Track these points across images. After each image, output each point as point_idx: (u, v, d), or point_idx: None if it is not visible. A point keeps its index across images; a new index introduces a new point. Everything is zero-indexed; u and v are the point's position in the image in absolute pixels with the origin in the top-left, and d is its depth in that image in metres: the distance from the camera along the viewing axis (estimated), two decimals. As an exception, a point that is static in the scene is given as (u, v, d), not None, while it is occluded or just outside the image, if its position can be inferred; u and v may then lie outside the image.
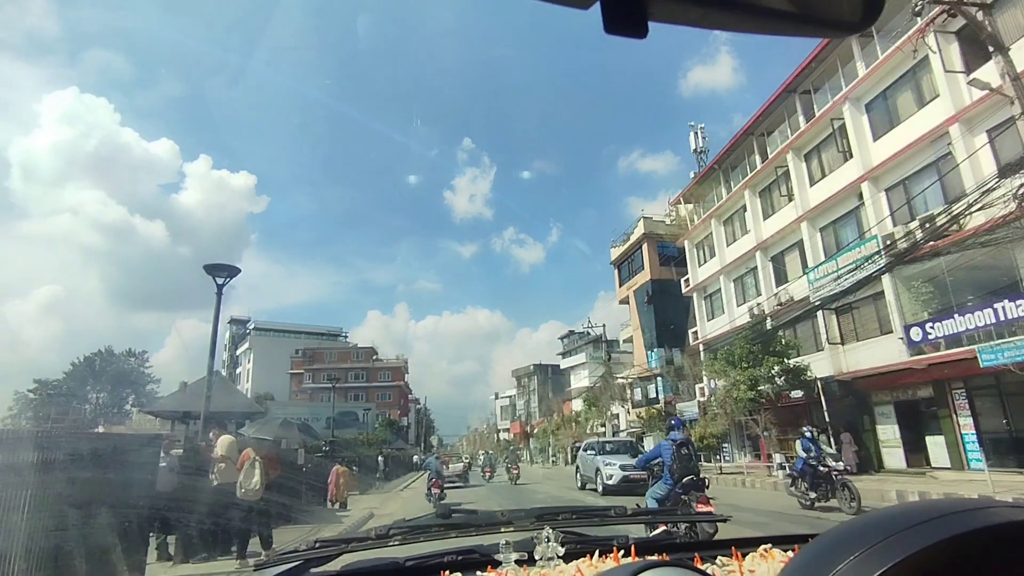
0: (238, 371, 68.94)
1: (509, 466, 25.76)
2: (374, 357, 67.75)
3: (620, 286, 38.48)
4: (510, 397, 72.17)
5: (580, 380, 48.96)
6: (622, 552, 1.34)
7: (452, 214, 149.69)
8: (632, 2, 0.56)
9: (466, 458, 41.38)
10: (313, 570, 1.54)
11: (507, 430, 69.80)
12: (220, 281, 10.12)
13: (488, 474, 27.60)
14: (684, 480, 7.26)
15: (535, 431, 56.13)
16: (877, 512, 0.69)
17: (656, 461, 7.81)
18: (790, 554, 1.28)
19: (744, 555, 1.34)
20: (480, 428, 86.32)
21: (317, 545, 1.59)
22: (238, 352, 70.92)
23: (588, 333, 51.81)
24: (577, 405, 44.54)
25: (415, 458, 40.51)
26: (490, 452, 38.69)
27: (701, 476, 7.56)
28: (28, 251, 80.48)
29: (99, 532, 5.69)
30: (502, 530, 1.57)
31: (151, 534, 7.38)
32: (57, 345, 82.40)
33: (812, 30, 0.61)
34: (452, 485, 20.21)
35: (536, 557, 1.36)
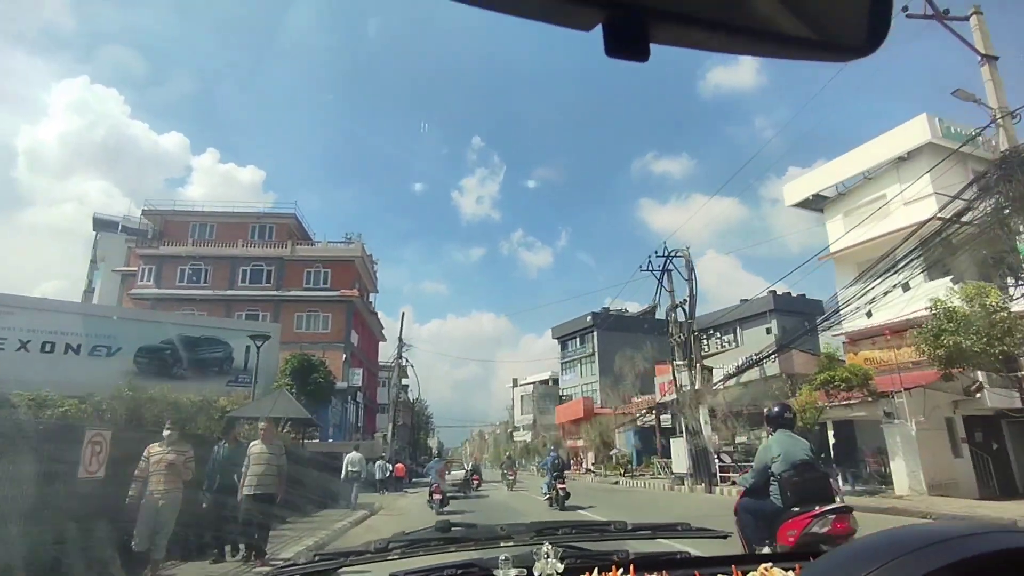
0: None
1: (505, 472, 24.67)
2: (296, 241, 33.57)
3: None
4: (534, 385, 55.30)
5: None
6: (621, 570, 1.33)
7: (459, 215, 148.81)
8: (634, 25, 0.55)
9: (470, 463, 35.26)
10: None
11: (524, 427, 55.63)
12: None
13: (477, 482, 24.16)
14: (555, 475, 15.09)
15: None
16: (884, 533, 0.69)
17: (547, 467, 16.19)
18: (791, 574, 1.27)
19: (744, 573, 1.33)
20: (487, 430, 73.84)
21: (316, 558, 1.59)
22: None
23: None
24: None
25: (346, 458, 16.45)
26: (503, 458, 33.50)
27: (564, 474, 16.34)
28: (33, 243, 78.63)
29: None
30: (501, 544, 1.57)
31: None
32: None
33: (816, 54, 0.61)
34: (453, 496, 17.97)
35: (535, 573, 1.35)
